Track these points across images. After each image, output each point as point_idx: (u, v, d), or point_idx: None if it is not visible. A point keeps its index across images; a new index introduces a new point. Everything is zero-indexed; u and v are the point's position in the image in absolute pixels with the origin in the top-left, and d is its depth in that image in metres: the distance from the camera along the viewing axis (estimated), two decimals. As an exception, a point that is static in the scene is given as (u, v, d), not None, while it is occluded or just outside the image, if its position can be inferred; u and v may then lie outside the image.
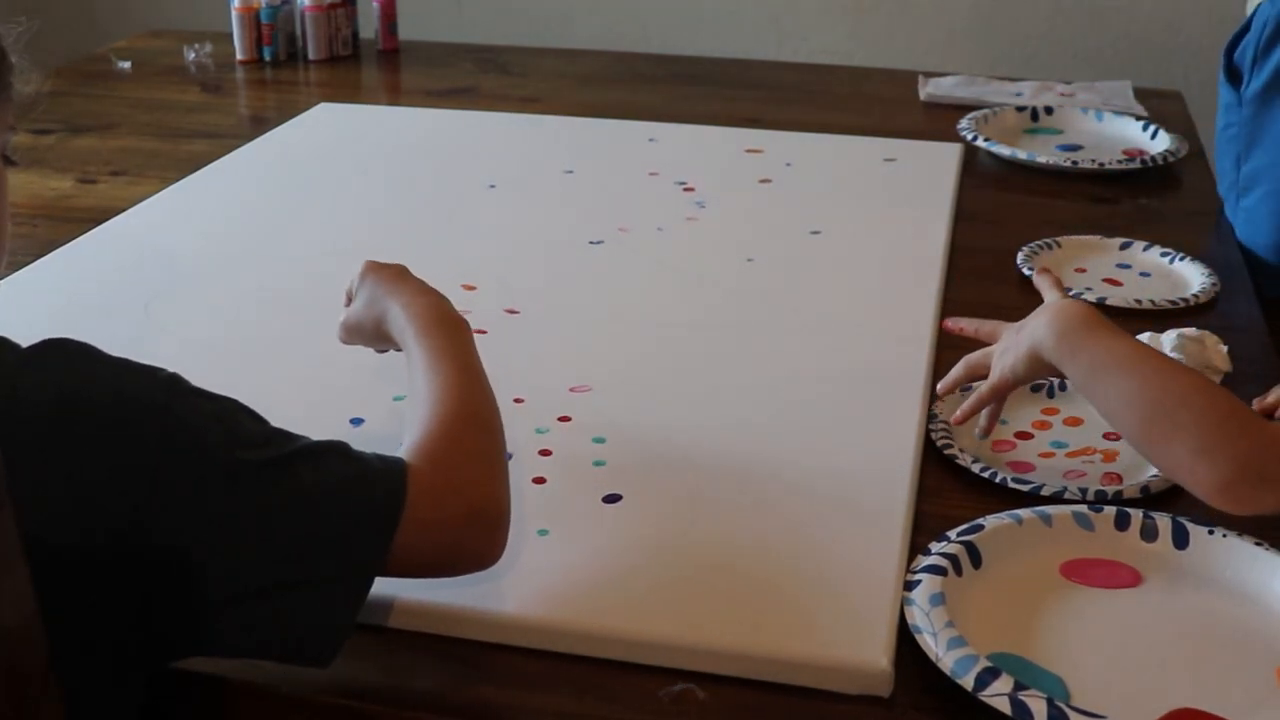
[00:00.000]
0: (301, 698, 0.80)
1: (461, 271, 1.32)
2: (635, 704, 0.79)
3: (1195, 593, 0.89)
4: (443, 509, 0.80)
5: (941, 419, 1.06)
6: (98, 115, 1.93)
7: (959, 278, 1.37)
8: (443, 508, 0.80)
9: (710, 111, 1.90)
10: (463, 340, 0.96)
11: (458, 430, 0.85)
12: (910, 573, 0.88)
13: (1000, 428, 1.06)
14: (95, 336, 0.71)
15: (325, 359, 1.17)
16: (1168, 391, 0.91)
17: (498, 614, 0.84)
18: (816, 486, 0.99)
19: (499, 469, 0.86)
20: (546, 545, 0.92)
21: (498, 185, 1.61)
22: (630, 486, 0.98)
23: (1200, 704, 0.78)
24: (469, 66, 2.20)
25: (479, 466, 0.84)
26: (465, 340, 0.96)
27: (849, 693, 0.80)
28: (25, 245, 1.42)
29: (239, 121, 1.96)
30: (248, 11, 2.17)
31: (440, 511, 0.79)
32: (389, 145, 1.77)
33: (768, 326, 1.25)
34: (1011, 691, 0.76)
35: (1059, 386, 1.11)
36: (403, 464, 0.80)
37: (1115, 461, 1.03)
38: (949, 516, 0.96)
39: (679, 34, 2.89)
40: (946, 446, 1.03)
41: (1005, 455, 1.04)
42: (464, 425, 0.86)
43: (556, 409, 1.09)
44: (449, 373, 0.91)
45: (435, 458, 0.82)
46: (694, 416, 1.08)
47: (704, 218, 1.50)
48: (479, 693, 0.80)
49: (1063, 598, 0.88)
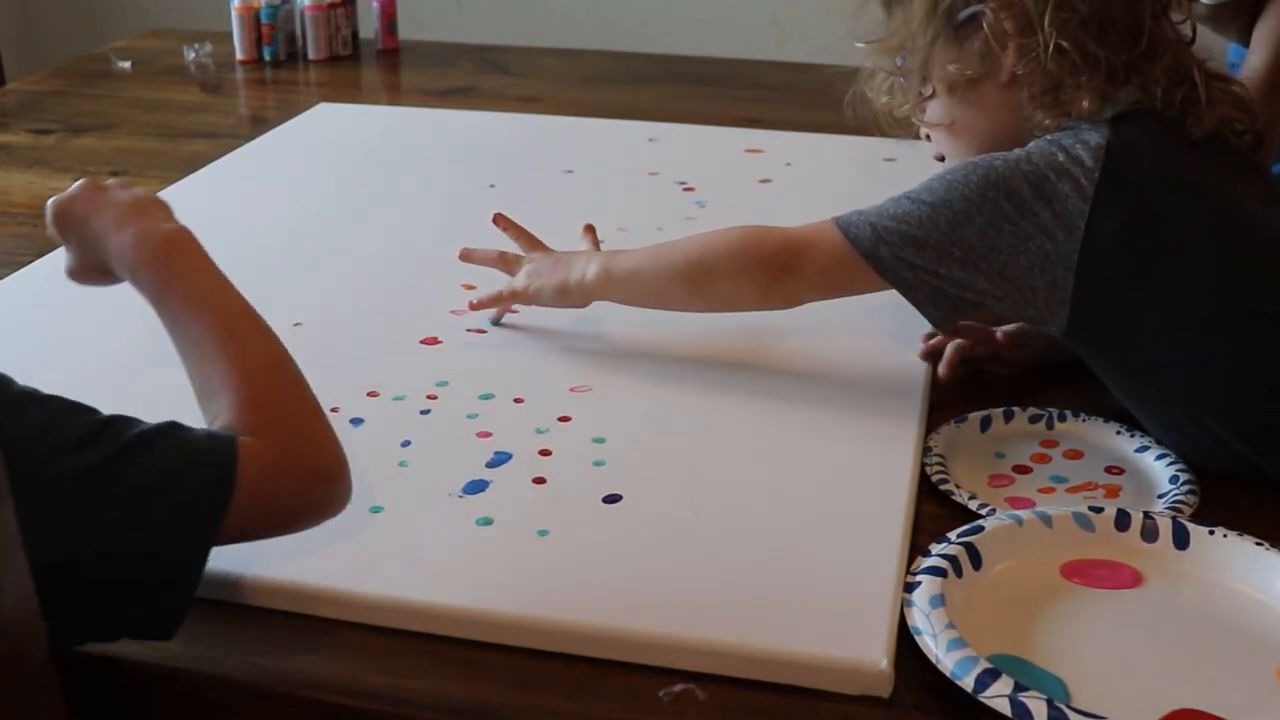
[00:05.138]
0: (301, 697, 0.80)
1: (461, 271, 1.32)
2: (635, 704, 0.79)
3: (1195, 593, 0.89)
4: (280, 479, 0.80)
5: (937, 451, 1.04)
6: (98, 115, 1.93)
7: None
8: (280, 477, 0.80)
9: (710, 111, 1.90)
10: (201, 265, 0.91)
11: (263, 386, 0.85)
12: (910, 574, 0.88)
13: (997, 461, 1.05)
14: (95, 336, 0.72)
15: (325, 358, 1.17)
16: (694, 249, 1.12)
17: (497, 614, 0.84)
18: (816, 486, 0.99)
19: (317, 415, 0.85)
20: (546, 545, 0.91)
21: (498, 185, 1.61)
22: (630, 486, 0.98)
23: (1200, 704, 0.78)
24: (469, 66, 2.21)
25: (300, 421, 0.84)
26: (202, 264, 0.91)
27: (849, 693, 0.80)
28: (25, 245, 1.42)
29: (239, 121, 1.96)
30: (248, 11, 2.17)
31: (278, 482, 0.80)
32: (389, 145, 1.77)
33: (767, 326, 1.24)
34: (1012, 693, 0.76)
35: (1058, 418, 1.09)
36: (232, 442, 0.79)
37: (1119, 497, 1.00)
38: (949, 517, 0.96)
39: (679, 34, 2.90)
40: (943, 482, 1.00)
41: (1003, 491, 1.01)
42: (267, 378, 0.86)
43: (556, 409, 1.09)
44: (215, 317, 0.88)
45: (257, 425, 0.81)
46: (694, 416, 1.08)
47: (704, 218, 1.50)
48: (479, 693, 0.80)
49: (1063, 598, 0.88)
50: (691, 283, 1.12)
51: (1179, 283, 0.99)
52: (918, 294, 1.02)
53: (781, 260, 1.07)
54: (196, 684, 0.82)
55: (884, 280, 1.03)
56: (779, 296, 1.10)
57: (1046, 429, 1.09)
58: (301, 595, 0.86)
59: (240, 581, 0.87)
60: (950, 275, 1.00)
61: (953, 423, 1.08)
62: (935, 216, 1.00)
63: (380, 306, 1.28)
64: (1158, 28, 1.04)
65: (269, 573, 0.87)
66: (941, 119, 1.11)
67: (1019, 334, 1.18)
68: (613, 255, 1.17)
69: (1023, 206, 0.98)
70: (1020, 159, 1.01)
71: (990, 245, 0.99)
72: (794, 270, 1.07)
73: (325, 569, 0.88)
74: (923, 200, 1.02)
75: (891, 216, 1.02)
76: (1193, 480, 0.99)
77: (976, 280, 1.00)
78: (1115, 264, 0.98)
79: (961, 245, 1.00)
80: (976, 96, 1.08)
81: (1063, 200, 0.98)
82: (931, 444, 1.05)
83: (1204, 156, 1.03)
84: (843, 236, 1.03)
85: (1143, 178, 0.99)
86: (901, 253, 1.01)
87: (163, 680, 0.82)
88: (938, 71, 1.08)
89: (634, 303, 1.16)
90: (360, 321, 1.25)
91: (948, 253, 1.00)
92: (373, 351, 1.19)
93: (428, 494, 0.97)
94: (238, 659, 0.82)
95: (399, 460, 1.01)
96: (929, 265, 1.01)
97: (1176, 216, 1.00)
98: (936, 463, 1.02)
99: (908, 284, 1.02)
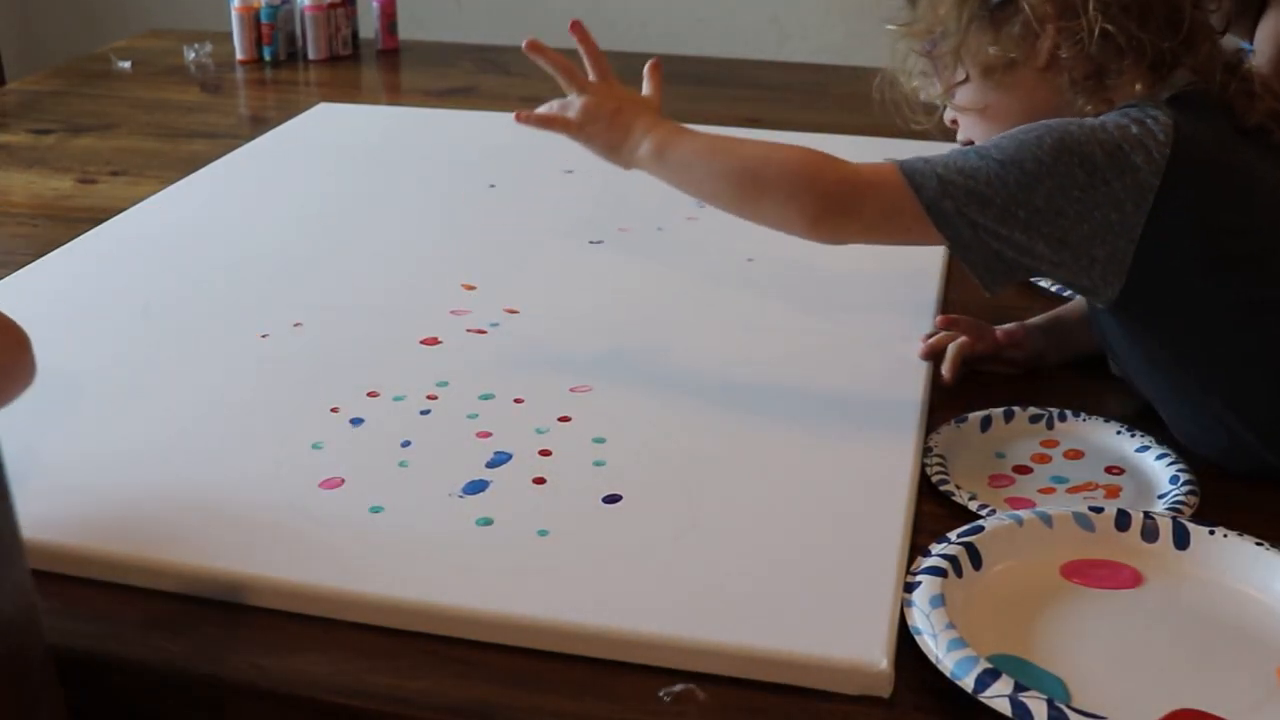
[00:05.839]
0: (301, 698, 0.80)
1: (462, 271, 1.32)
2: (635, 704, 0.79)
3: (1195, 593, 0.89)
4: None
5: (937, 452, 1.04)
6: (98, 115, 1.93)
7: (959, 278, 1.37)
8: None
9: (710, 111, 1.90)
10: None
11: None
12: (910, 574, 0.88)
13: (997, 461, 1.05)
14: (95, 336, 0.72)
15: (325, 358, 1.17)
16: (749, 160, 1.06)
17: (497, 614, 0.84)
18: (816, 486, 0.99)
19: None
20: (546, 545, 0.91)
21: (498, 185, 1.61)
22: (630, 486, 0.98)
23: (1200, 704, 0.78)
24: (469, 66, 2.21)
25: None
26: None
27: (849, 693, 0.80)
28: (25, 245, 1.42)
29: (239, 121, 1.96)
30: (248, 11, 2.17)
31: None
32: (389, 145, 1.77)
33: (768, 327, 1.25)
34: (1012, 693, 0.76)
35: (1058, 418, 1.09)
36: None
37: (1119, 498, 1.00)
38: (949, 517, 0.96)
39: (679, 34, 2.90)
40: (943, 482, 1.00)
41: (1004, 491, 1.01)
42: None
43: (556, 409, 1.09)
44: None
45: None
46: (694, 416, 1.08)
47: (704, 218, 1.50)
48: (479, 693, 0.80)
49: (1063, 598, 0.88)
50: (742, 191, 1.06)
51: (1242, 266, 0.99)
52: (973, 254, 0.99)
53: (840, 196, 1.02)
54: (196, 684, 0.82)
55: (940, 235, 0.99)
56: (826, 230, 1.04)
57: (1046, 429, 1.09)
58: (301, 595, 0.86)
59: (240, 581, 0.87)
60: (1011, 238, 0.97)
61: (953, 423, 1.08)
62: (1004, 175, 0.97)
63: (380, 306, 1.28)
64: (1197, 15, 1.03)
65: (269, 573, 0.87)
66: (974, 103, 1.09)
67: (1018, 333, 1.18)
68: (671, 135, 1.10)
69: (1095, 174, 0.96)
70: (1096, 127, 0.98)
71: (1056, 210, 0.97)
72: (851, 210, 1.02)
73: (325, 569, 0.88)
74: (992, 156, 0.98)
75: (959, 170, 0.99)
76: (1193, 480, 0.99)
77: (1036, 245, 0.97)
78: (1178, 241, 0.97)
79: (1027, 207, 0.97)
80: (1012, 80, 1.06)
81: (1134, 172, 0.96)
82: (931, 444, 1.05)
83: (1255, 145, 1.02)
84: (907, 184, 0.99)
85: (1209, 157, 0.99)
86: (965, 209, 0.97)
87: (163, 680, 0.82)
88: (973, 55, 1.06)
89: (679, 188, 1.11)
90: (360, 321, 1.25)
91: (1012, 214, 0.97)
92: (373, 351, 1.19)
93: (428, 494, 0.97)
94: (238, 659, 0.82)
95: (399, 460, 1.01)
96: (991, 225, 0.97)
97: (1241, 198, 0.99)
98: (936, 463, 1.02)
99: (965, 243, 0.99)
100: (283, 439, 1.03)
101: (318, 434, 1.04)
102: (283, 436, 1.04)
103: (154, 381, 1.12)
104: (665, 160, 1.09)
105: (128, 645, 0.83)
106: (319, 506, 0.95)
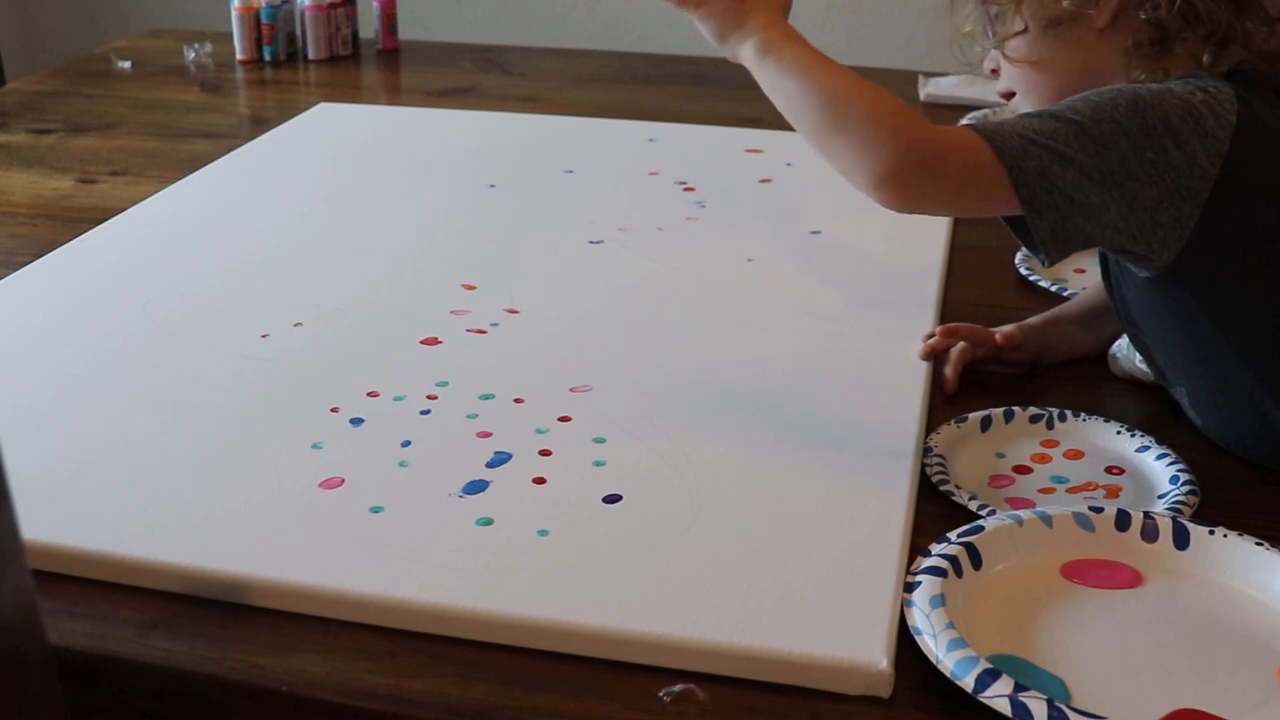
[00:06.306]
0: (301, 697, 0.80)
1: (462, 271, 1.32)
2: (635, 704, 0.79)
3: (1195, 593, 0.89)
4: None
5: (937, 452, 1.04)
6: (98, 115, 1.93)
7: (958, 278, 1.37)
8: None
9: (710, 111, 1.91)
10: None
11: None
12: (910, 574, 0.88)
13: (997, 461, 1.05)
14: (95, 336, 0.72)
15: (325, 358, 1.17)
16: (839, 91, 0.99)
17: (498, 614, 0.84)
18: (816, 486, 0.99)
19: None
20: (546, 545, 0.91)
21: (498, 185, 1.61)
22: (630, 486, 0.98)
23: (1201, 704, 0.78)
24: (469, 66, 2.21)
25: None
26: None
27: (849, 693, 0.80)
28: (25, 245, 1.42)
29: (239, 121, 1.96)
30: (248, 11, 2.17)
31: None
32: (389, 145, 1.77)
33: (768, 327, 1.25)
34: (1012, 693, 0.76)
35: (1058, 418, 1.09)
36: None
37: (1119, 498, 1.00)
38: (949, 517, 0.96)
39: (679, 34, 2.89)
40: (943, 482, 1.00)
41: (1003, 491, 1.01)
42: None
43: (556, 409, 1.09)
44: None
45: None
46: (694, 416, 1.08)
47: (704, 218, 1.50)
48: (479, 693, 0.80)
49: (1063, 598, 0.88)
50: (821, 122, 1.00)
51: None
52: (1043, 220, 0.96)
53: (922, 156, 0.96)
54: (196, 684, 0.82)
55: (1015, 199, 0.95)
56: (896, 189, 0.97)
57: (1046, 429, 1.09)
58: (301, 595, 0.86)
59: (240, 581, 0.87)
60: (1084, 201, 0.95)
61: (953, 423, 1.08)
62: (1082, 136, 0.95)
63: (380, 306, 1.28)
64: None
65: (269, 573, 0.87)
66: (1028, 55, 1.07)
67: (1016, 336, 1.18)
68: (778, 41, 1.04)
69: (1171, 136, 0.95)
70: (1164, 91, 0.97)
71: (1129, 173, 0.95)
72: (932, 170, 0.96)
73: (325, 569, 0.88)
74: (1068, 117, 0.96)
75: (1038, 131, 0.96)
76: (1193, 480, 0.99)
77: (1108, 208, 0.96)
78: (1238, 207, 0.96)
79: (1103, 168, 0.95)
80: (1074, 36, 1.04)
81: (1207, 137, 0.95)
82: (931, 444, 1.05)
83: None
84: (988, 145, 0.95)
85: (1270, 128, 0.98)
86: (1047, 169, 0.95)
87: (163, 680, 0.82)
88: (1038, 5, 1.05)
89: (770, 97, 1.05)
90: (360, 321, 1.25)
91: (1089, 175, 0.95)
92: (373, 351, 1.19)
93: (428, 494, 0.97)
94: (238, 659, 0.82)
95: (399, 460, 1.01)
96: (1067, 189, 0.95)
97: None
98: (936, 463, 1.02)
99: (1039, 207, 0.95)
100: (283, 439, 1.03)
101: (318, 434, 1.04)
102: (283, 436, 1.04)
103: (154, 381, 1.12)
104: (764, 64, 1.04)
105: (128, 645, 0.83)
106: (319, 506, 0.95)
